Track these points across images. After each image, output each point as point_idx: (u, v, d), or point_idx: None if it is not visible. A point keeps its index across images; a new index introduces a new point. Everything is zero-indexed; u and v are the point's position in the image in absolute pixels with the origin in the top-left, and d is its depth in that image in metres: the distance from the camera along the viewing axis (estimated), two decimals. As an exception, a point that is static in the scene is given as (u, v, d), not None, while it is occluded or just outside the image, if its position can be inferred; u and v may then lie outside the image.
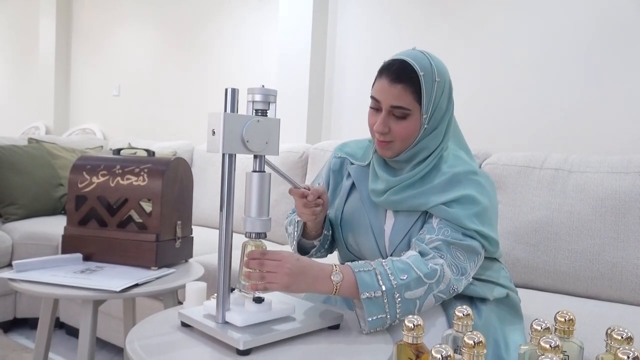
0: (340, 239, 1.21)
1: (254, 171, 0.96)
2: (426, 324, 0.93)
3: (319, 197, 1.12)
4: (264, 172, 0.97)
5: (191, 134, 3.40)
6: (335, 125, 2.76)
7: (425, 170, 1.10)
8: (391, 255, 1.12)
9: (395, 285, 0.95)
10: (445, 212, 1.05)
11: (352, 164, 1.24)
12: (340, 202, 1.23)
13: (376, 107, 1.10)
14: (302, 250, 1.27)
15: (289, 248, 2.19)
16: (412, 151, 1.10)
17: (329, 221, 1.25)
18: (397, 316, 0.96)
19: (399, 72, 1.05)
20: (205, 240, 2.08)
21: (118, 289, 1.24)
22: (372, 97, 1.10)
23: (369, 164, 1.20)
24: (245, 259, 0.97)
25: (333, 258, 1.28)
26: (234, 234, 0.96)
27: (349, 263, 1.00)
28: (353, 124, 2.67)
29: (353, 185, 1.22)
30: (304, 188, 1.11)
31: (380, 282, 0.95)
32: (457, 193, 1.06)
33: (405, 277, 0.96)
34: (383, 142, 1.10)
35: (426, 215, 1.10)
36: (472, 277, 1.09)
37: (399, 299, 0.95)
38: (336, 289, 0.96)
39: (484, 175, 1.12)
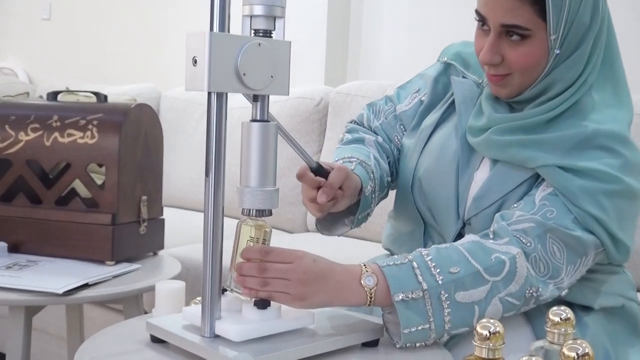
0: (409, 179, 1.22)
1: (254, 120, 0.96)
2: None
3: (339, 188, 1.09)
4: (269, 121, 0.97)
5: (157, 74, 3.41)
6: (367, 59, 2.74)
7: (552, 114, 1.09)
8: (469, 224, 1.13)
9: (441, 282, 0.96)
10: (557, 177, 1.04)
11: (464, 77, 1.24)
12: (430, 124, 1.23)
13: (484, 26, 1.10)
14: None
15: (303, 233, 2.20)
16: (539, 87, 1.10)
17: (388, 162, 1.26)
18: (446, 327, 0.97)
19: None
20: (180, 225, 2.11)
21: (60, 291, 1.26)
22: (476, 11, 1.10)
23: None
24: (239, 259, 0.97)
25: (362, 254, 1.28)
26: (225, 213, 0.96)
27: (377, 260, 1.00)
28: (395, 56, 2.65)
29: (453, 107, 1.23)
30: (326, 167, 1.08)
31: (420, 278, 0.96)
32: (587, 162, 1.04)
33: (456, 271, 0.97)
34: (495, 76, 1.10)
35: (535, 183, 1.09)
36: None
37: (448, 302, 0.96)
38: (371, 298, 0.96)
39: (635, 150, 1.07)
